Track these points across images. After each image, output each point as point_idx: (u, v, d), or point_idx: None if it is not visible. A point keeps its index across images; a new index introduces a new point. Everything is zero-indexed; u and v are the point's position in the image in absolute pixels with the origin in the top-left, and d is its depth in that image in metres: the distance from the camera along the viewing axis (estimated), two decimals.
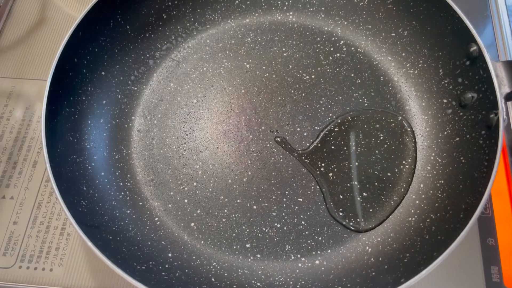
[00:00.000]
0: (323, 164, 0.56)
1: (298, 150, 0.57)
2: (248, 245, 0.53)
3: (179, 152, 0.58)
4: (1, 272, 0.54)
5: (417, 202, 0.53)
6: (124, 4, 0.60)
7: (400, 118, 0.58)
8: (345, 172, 0.55)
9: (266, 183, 0.56)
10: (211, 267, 0.51)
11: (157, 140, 0.59)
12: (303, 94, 0.61)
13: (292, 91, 0.61)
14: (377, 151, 0.56)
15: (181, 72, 0.63)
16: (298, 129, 0.58)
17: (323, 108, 0.59)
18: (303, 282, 0.49)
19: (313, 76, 0.62)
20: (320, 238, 0.52)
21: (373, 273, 0.47)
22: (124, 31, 0.61)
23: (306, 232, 0.53)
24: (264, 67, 0.63)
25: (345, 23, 0.64)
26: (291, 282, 0.49)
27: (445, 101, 0.56)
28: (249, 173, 0.56)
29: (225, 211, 0.54)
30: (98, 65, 0.58)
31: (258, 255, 0.52)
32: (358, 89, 0.61)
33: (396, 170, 0.55)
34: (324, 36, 0.64)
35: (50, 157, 0.48)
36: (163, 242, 0.52)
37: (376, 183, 0.54)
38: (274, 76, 0.62)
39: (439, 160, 0.54)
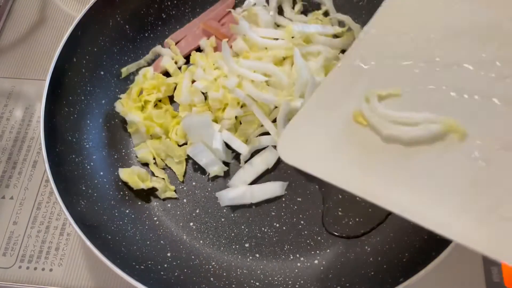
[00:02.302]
0: None
1: None
2: (247, 245, 0.53)
3: None
4: (1, 272, 0.54)
5: None
6: (124, 4, 0.60)
7: None
8: None
9: (265, 182, 0.55)
10: (210, 266, 0.51)
11: None
12: None
13: None
14: None
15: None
16: None
17: None
18: (302, 281, 0.49)
19: None
20: (319, 238, 0.52)
21: (372, 273, 0.47)
22: (123, 30, 0.61)
23: (305, 232, 0.53)
24: None
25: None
26: (290, 282, 0.49)
27: None
28: None
29: (224, 210, 0.54)
30: (97, 65, 0.59)
31: (257, 255, 0.52)
32: None
33: None
34: None
35: (49, 157, 0.49)
36: (162, 241, 0.52)
37: None
38: None
39: None
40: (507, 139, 0.32)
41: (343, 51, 0.60)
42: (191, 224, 0.54)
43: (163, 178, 0.56)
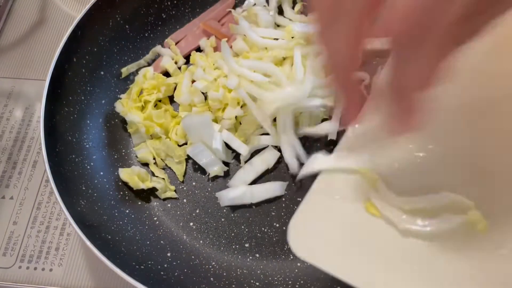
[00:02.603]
0: None
1: None
2: (247, 245, 0.53)
3: None
4: (1, 272, 0.54)
5: None
6: (123, 4, 0.60)
7: None
8: None
9: (265, 182, 0.55)
10: (210, 266, 0.51)
11: None
12: None
13: None
14: None
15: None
16: None
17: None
18: (301, 281, 0.49)
19: None
20: None
21: None
22: (123, 30, 0.61)
23: None
24: None
25: None
26: (290, 282, 0.49)
27: None
28: None
29: (224, 210, 0.54)
30: (97, 65, 0.59)
31: (257, 255, 0.52)
32: None
33: None
34: None
35: (49, 157, 0.49)
36: (162, 241, 0.52)
37: None
38: None
39: None
40: None
41: None
42: (191, 224, 0.54)
43: (163, 178, 0.56)
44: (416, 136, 0.35)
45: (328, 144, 0.56)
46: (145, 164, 0.57)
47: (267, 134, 0.55)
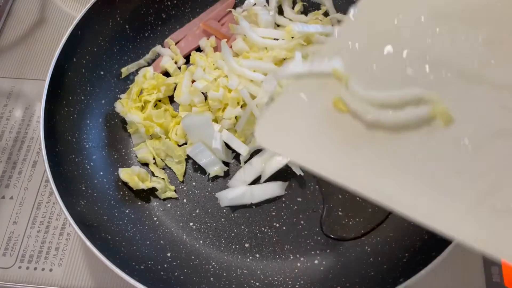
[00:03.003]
0: None
1: None
2: (247, 245, 0.53)
3: None
4: (1, 272, 0.54)
5: None
6: (124, 4, 0.60)
7: None
8: None
9: (265, 182, 0.55)
10: (210, 266, 0.51)
11: None
12: None
13: None
14: None
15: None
16: None
17: None
18: (302, 281, 0.49)
19: None
20: (319, 238, 0.52)
21: (372, 273, 0.47)
22: (123, 30, 0.61)
23: (305, 232, 0.53)
24: None
25: None
26: (290, 282, 0.49)
27: None
28: None
29: (224, 210, 0.54)
30: (97, 65, 0.59)
31: (257, 255, 0.52)
32: None
33: None
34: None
35: (49, 157, 0.49)
36: (162, 241, 0.52)
37: None
38: None
39: None
40: (496, 126, 0.31)
41: None
42: (191, 224, 0.54)
43: (163, 178, 0.56)
44: (390, 38, 0.36)
45: None
46: (145, 164, 0.57)
47: None
